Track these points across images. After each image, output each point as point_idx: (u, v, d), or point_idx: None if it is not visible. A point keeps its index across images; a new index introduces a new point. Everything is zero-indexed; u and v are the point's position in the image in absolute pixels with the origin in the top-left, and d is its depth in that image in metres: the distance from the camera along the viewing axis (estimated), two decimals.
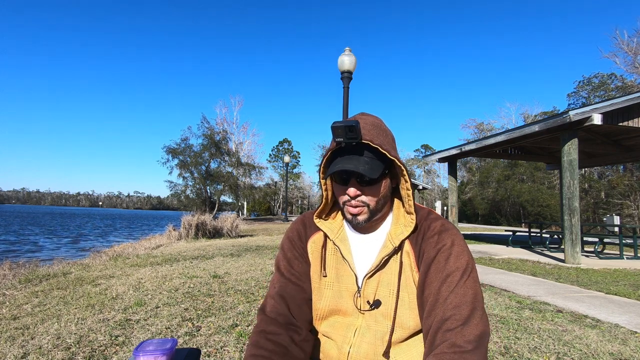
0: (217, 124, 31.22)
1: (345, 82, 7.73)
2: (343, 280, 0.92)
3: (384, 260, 0.88)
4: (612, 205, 26.24)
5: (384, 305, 0.87)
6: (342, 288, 0.92)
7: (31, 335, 2.58)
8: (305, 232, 0.99)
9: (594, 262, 7.05)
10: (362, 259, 0.92)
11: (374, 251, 0.91)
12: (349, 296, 0.91)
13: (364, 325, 0.89)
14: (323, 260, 0.95)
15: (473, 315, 0.75)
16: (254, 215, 39.88)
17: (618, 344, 2.51)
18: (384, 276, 0.88)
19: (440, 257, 0.82)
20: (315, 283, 0.95)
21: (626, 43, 24.35)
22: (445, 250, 0.83)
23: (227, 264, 5.77)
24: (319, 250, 0.96)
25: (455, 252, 0.83)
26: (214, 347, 2.33)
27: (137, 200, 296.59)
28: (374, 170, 0.82)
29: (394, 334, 0.85)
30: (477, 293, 0.78)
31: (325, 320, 0.93)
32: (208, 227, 12.53)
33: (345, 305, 0.90)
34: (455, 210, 11.01)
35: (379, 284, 0.88)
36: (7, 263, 6.47)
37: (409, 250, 0.88)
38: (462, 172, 46.92)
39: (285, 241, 1.00)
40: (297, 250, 0.98)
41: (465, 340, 0.72)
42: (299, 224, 1.01)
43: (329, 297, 0.92)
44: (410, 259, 0.87)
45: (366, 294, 0.89)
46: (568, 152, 6.90)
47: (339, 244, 0.93)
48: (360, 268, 0.91)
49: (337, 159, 0.85)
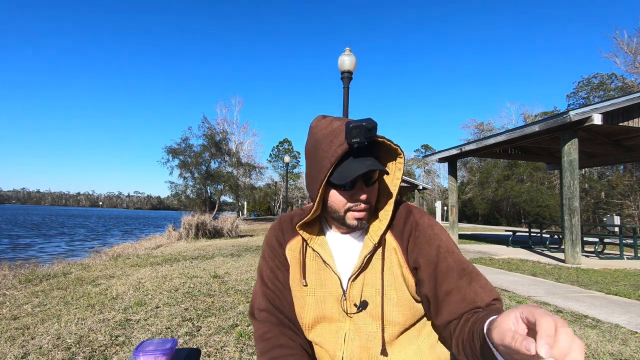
0: (217, 124, 31.19)
1: (345, 82, 7.73)
2: (326, 285, 0.88)
3: (366, 259, 0.85)
4: (612, 206, 26.23)
5: (371, 306, 0.85)
6: (326, 293, 0.88)
7: (31, 335, 2.58)
8: (283, 238, 0.95)
9: (594, 262, 7.05)
10: (345, 260, 0.88)
11: (356, 250, 0.88)
12: (333, 301, 0.87)
13: (352, 328, 0.86)
14: (302, 268, 0.91)
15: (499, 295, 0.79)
16: (254, 215, 39.90)
17: (618, 344, 2.51)
18: (368, 276, 0.86)
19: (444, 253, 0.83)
20: (296, 292, 0.91)
21: (626, 43, 24.37)
22: (444, 246, 0.83)
23: (227, 264, 5.77)
24: (297, 257, 0.92)
25: (452, 245, 0.85)
26: (214, 347, 2.33)
27: (137, 201, 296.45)
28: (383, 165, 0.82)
29: (385, 333, 0.84)
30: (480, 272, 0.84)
31: (313, 329, 0.90)
32: (208, 227, 12.55)
33: (331, 311, 0.87)
34: (455, 210, 11.01)
35: (364, 285, 0.86)
36: (7, 263, 6.46)
37: (395, 247, 0.85)
38: (462, 172, 46.92)
39: (266, 248, 0.97)
40: (279, 259, 0.95)
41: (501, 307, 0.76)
42: (276, 229, 0.97)
43: (312, 305, 0.89)
44: (397, 255, 0.85)
45: (352, 296, 0.86)
46: (568, 152, 6.90)
47: (318, 249, 0.88)
48: (343, 270, 0.88)
49: (345, 162, 0.78)
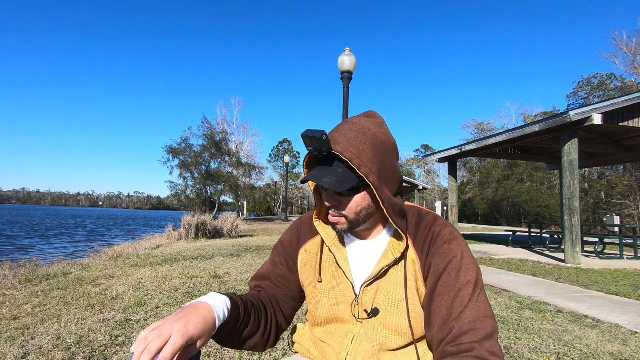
0: (217, 124, 31.09)
1: (345, 82, 7.74)
2: (340, 287, 0.90)
3: (384, 270, 0.85)
4: (612, 206, 26.23)
5: (383, 314, 0.85)
6: (339, 296, 0.90)
7: (31, 335, 2.58)
8: (298, 241, 0.98)
9: (594, 262, 7.05)
10: (360, 266, 0.89)
11: (374, 259, 0.88)
12: (346, 304, 0.88)
13: (362, 333, 0.87)
14: (319, 266, 0.93)
15: (492, 333, 0.74)
16: (254, 216, 39.89)
17: (618, 344, 2.51)
18: (383, 285, 0.86)
19: (451, 269, 0.80)
20: (310, 290, 0.93)
21: (625, 44, 24.37)
22: (456, 262, 0.80)
23: (227, 264, 5.77)
24: (312, 258, 0.94)
25: (466, 264, 0.80)
26: (214, 347, 2.33)
27: (137, 201, 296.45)
28: (343, 183, 0.76)
29: (392, 342, 0.84)
30: (488, 306, 0.78)
31: (323, 327, 0.92)
32: (208, 227, 12.53)
33: (343, 313, 0.89)
34: (455, 210, 11.01)
35: (378, 292, 0.86)
36: (7, 263, 6.47)
37: (414, 259, 0.84)
38: (462, 172, 46.92)
39: (279, 245, 1.03)
40: (284, 257, 1.00)
41: (488, 351, 0.71)
42: (293, 230, 1.01)
43: (325, 306, 0.90)
44: (416, 267, 0.84)
45: (364, 302, 0.86)
46: (568, 152, 6.90)
47: (334, 251, 0.90)
48: (357, 276, 0.88)
49: (313, 168, 0.82)
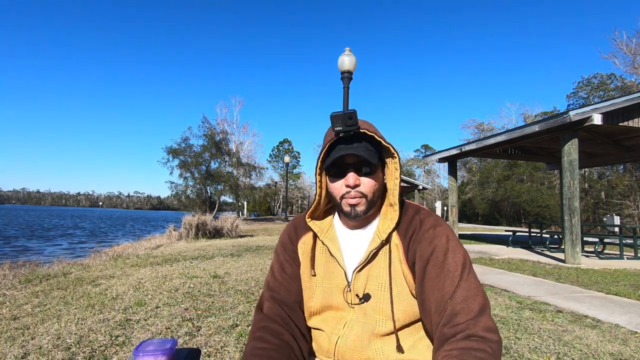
0: (217, 124, 31.11)
1: (345, 82, 7.73)
2: (333, 277, 0.94)
3: (372, 253, 0.90)
4: (612, 206, 26.23)
5: (374, 299, 0.89)
6: (333, 285, 0.94)
7: (31, 335, 2.58)
8: (295, 234, 1.02)
9: (594, 262, 7.05)
10: (352, 254, 0.93)
11: (363, 246, 0.92)
12: (339, 292, 0.93)
13: (354, 318, 0.91)
14: (312, 260, 0.97)
15: (484, 308, 0.78)
16: (254, 216, 39.87)
17: (618, 344, 2.51)
18: (372, 270, 0.90)
19: (438, 253, 0.84)
20: (306, 282, 0.98)
21: (625, 44, 24.36)
22: (442, 246, 0.84)
23: (227, 264, 5.77)
24: (308, 250, 0.99)
25: (452, 246, 0.85)
26: (214, 347, 2.33)
27: (137, 201, 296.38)
28: (372, 156, 0.85)
29: (383, 327, 0.87)
30: (479, 285, 0.82)
31: (318, 315, 0.96)
32: (208, 227, 12.52)
33: (337, 301, 0.93)
34: (455, 210, 11.01)
35: (369, 278, 0.90)
36: (7, 263, 6.47)
37: (397, 243, 0.89)
38: (462, 172, 46.91)
39: (279, 246, 1.05)
40: (289, 254, 1.01)
41: (483, 328, 0.74)
42: (290, 227, 1.05)
43: (319, 295, 0.94)
44: (399, 251, 0.89)
45: (356, 288, 0.90)
46: (568, 152, 6.90)
47: (327, 243, 0.95)
48: (349, 263, 0.93)
49: (335, 148, 0.87)
